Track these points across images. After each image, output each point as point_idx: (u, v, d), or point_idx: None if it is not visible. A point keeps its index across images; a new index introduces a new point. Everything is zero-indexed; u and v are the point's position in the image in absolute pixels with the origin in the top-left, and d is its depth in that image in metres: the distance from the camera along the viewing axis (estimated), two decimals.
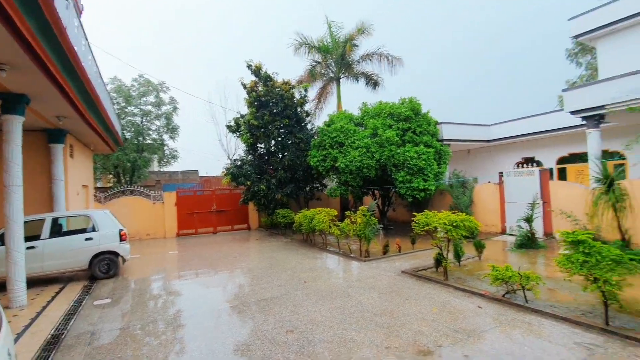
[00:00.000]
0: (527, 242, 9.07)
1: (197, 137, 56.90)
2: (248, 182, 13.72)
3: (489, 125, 16.96)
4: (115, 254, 8.02)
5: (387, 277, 6.94)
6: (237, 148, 27.84)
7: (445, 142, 14.35)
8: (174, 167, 25.63)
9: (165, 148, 23.09)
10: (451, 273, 6.79)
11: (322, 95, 19.57)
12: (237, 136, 14.95)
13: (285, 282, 6.87)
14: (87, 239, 7.71)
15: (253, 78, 14.19)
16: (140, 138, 21.20)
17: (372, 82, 18.24)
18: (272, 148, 14.19)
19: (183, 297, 6.34)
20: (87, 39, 6.26)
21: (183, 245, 12.57)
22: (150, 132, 22.04)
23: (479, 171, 17.83)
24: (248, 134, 13.66)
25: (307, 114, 14.89)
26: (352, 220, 9.17)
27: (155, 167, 27.32)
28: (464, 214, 6.87)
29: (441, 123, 14.35)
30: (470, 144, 16.80)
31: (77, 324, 5.04)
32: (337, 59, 18.32)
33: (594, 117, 10.21)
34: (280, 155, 14.44)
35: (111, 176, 22.53)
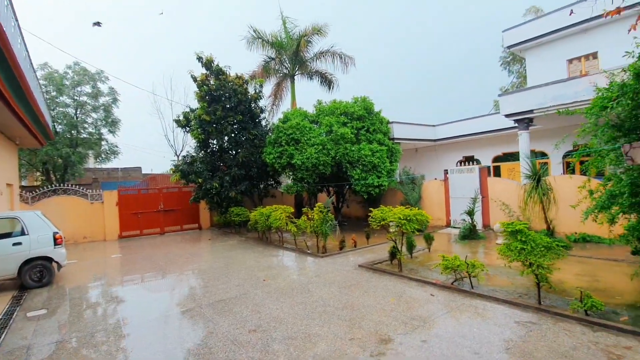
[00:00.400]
0: (469, 234, 9.86)
1: (140, 132, 52.98)
2: (200, 180, 13.13)
3: (434, 126, 18.08)
4: (49, 259, 7.21)
5: (345, 271, 7.11)
6: (186, 144, 26.58)
7: (395, 141, 15.03)
8: (113, 163, 23.63)
9: (104, 143, 21.20)
10: (405, 265, 7.15)
11: (277, 92, 19.35)
12: (187, 132, 14.22)
13: (243, 281, 6.72)
14: (15, 244, 6.83)
15: (204, 71, 13.57)
16: (74, 131, 19.21)
17: (327, 81, 18.45)
18: (225, 144, 13.70)
19: (130, 303, 5.92)
20: (17, 20, 5.52)
21: (127, 248, 11.68)
22: (86, 126, 20.06)
23: (425, 169, 18.97)
24: (199, 130, 13.05)
25: (262, 110, 14.61)
26: (310, 217, 9.24)
27: (91, 163, 24.96)
28: (415, 208, 7.27)
29: (392, 122, 14.99)
30: (418, 143, 17.77)
31: (8, 338, 4.46)
32: (291, 55, 18.21)
33: (524, 120, 11.38)
34: (234, 152, 14.01)
35: (39, 174, 20.15)
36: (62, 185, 14.30)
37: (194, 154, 14.04)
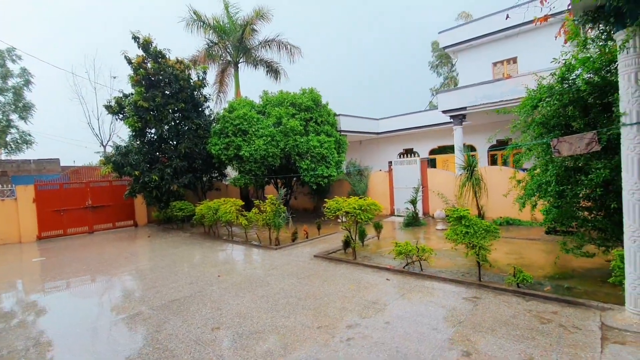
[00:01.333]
0: (413, 221, 10.59)
1: (58, 120, 46.41)
2: (136, 173, 12.05)
3: (378, 119, 18.89)
4: None
5: (302, 262, 7.17)
6: (114, 133, 24.16)
7: (342, 133, 15.39)
8: (25, 154, 20.52)
9: (14, 131, 18.29)
10: (358, 253, 7.44)
11: (221, 80, 18.48)
12: (120, 119, 12.89)
13: (196, 279, 6.40)
14: None
15: (140, 53, 12.37)
16: None
17: (273, 70, 18.12)
18: (165, 134, 12.70)
19: (69, 311, 5.29)
20: None
21: (50, 250, 10.33)
22: None
23: (369, 161, 19.77)
24: (135, 117, 11.91)
25: (206, 99, 13.83)
26: (262, 209, 9.09)
27: None
28: (369, 198, 7.59)
29: (339, 115, 15.32)
30: (363, 135, 18.43)
31: None
32: (235, 42, 17.50)
33: (459, 116, 12.48)
34: (175, 143, 13.09)
35: None
36: None
37: (128, 144, 12.80)
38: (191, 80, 13.13)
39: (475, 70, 15.14)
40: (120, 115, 12.82)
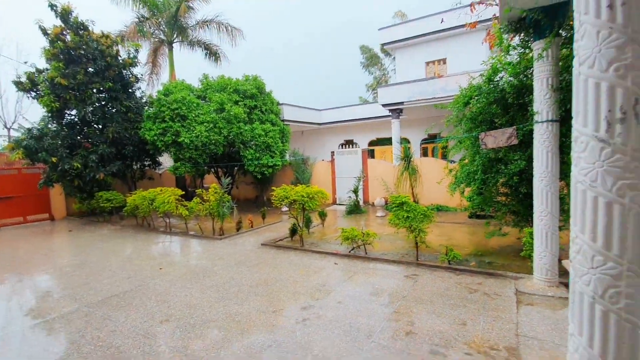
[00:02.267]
0: (355, 209, 11.12)
1: None
2: (53, 159, 10.62)
3: (320, 110, 19.18)
4: None
5: (249, 251, 7.12)
6: (20, 114, 20.94)
7: (286, 122, 15.36)
8: None
9: None
10: (304, 240, 7.62)
11: (154, 60, 17.00)
12: (33, 98, 11.17)
13: (134, 273, 5.98)
14: None
15: (59, 23, 10.78)
16: None
17: (212, 53, 17.21)
18: (89, 117, 11.33)
19: None
20: None
21: None
22: None
23: (310, 151, 20.02)
24: (52, 96, 10.40)
25: (137, 79, 12.63)
26: (205, 198, 8.75)
27: None
28: (315, 187, 7.78)
29: (282, 104, 15.23)
30: (305, 125, 18.58)
31: None
32: (169, 19, 16.19)
33: (396, 110, 13.29)
34: (101, 126, 11.78)
35: None
36: None
37: (42, 127, 11.18)
38: (120, 58, 11.88)
39: (411, 68, 16.20)
40: (33, 93, 11.12)
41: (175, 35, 16.95)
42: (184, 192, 9.90)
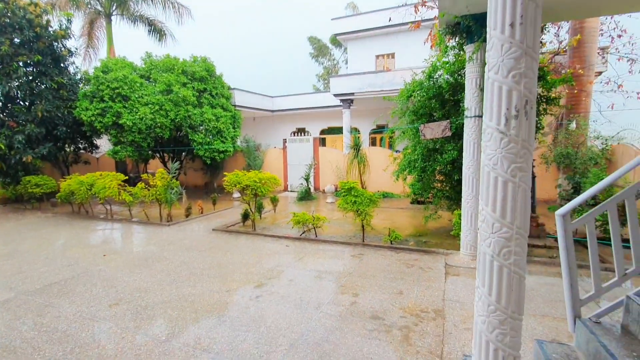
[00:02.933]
0: (306, 195, 11.42)
1: None
2: None
3: (272, 97, 19.02)
4: None
5: (200, 236, 7.09)
6: None
7: (237, 108, 15.06)
8: None
9: None
10: (257, 225, 7.75)
11: (90, 33, 15.45)
12: None
13: (75, 260, 5.68)
14: None
15: None
16: None
17: (157, 30, 16.12)
18: (15, 92, 10.08)
19: None
20: None
21: None
22: None
23: (262, 137, 19.85)
24: None
25: (70, 53, 11.47)
26: (151, 183, 8.42)
27: None
28: (267, 173, 7.90)
29: (234, 89, 14.89)
30: (258, 112, 18.34)
31: None
32: None
33: (347, 100, 13.72)
34: (28, 104, 10.57)
35: None
36: None
37: None
38: (50, 29, 10.68)
39: (362, 60, 16.72)
40: None
41: (114, 8, 15.55)
42: (126, 178, 9.40)
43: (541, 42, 5.25)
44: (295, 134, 19.67)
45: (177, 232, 7.48)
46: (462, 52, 5.43)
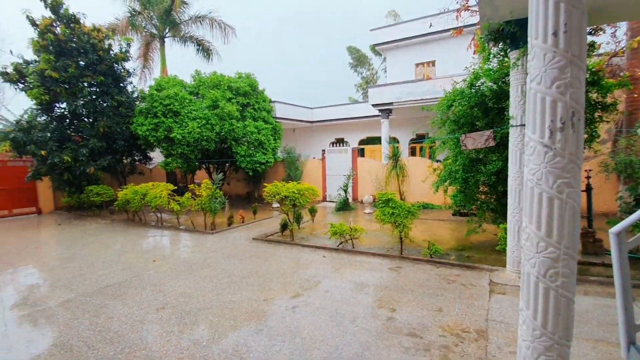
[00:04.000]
0: (344, 206, 11.41)
1: None
2: (42, 152, 10.59)
3: (312, 108, 19.39)
4: None
5: (241, 245, 7.34)
6: (2, 105, 20.53)
7: (278, 120, 15.53)
8: None
9: None
10: (295, 234, 7.87)
11: (146, 54, 16.92)
12: (20, 89, 11.09)
13: (128, 265, 6.14)
14: None
15: (49, 14, 10.72)
16: None
17: (204, 50, 17.23)
18: (80, 110, 11.31)
19: None
20: None
21: None
22: None
23: (301, 148, 20.24)
24: (41, 89, 10.36)
25: (129, 73, 12.63)
26: (197, 193, 8.90)
27: None
28: (306, 183, 8.03)
29: (275, 102, 15.40)
30: (297, 123, 18.77)
31: None
32: (161, 14, 16.14)
33: (386, 111, 13.60)
34: (92, 120, 11.76)
35: None
36: None
37: (30, 119, 11.11)
38: (112, 52, 11.88)
39: (402, 69, 16.54)
40: (21, 85, 11.04)
41: (167, 30, 16.90)
42: (175, 188, 10.03)
43: (593, 45, 4.87)
44: (334, 144, 19.81)
45: (219, 240, 7.81)
46: (506, 59, 5.20)
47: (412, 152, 17.74)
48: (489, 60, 5.48)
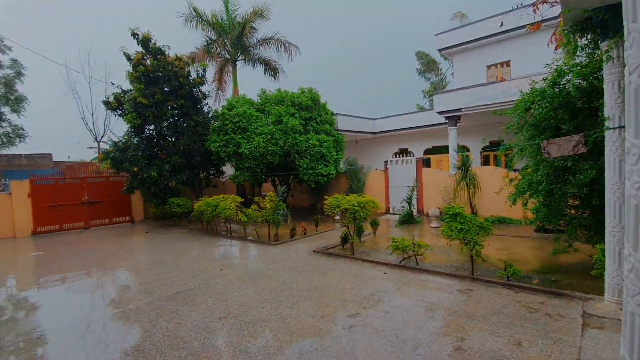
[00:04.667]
0: (408, 219, 10.86)
1: (51, 114, 45.68)
2: (134, 168, 12.12)
3: (374, 119, 19.15)
4: None
5: (301, 257, 7.39)
6: (108, 129, 24.04)
7: (340, 132, 15.62)
8: (17, 149, 20.31)
9: (5, 124, 18.11)
10: (355, 248, 7.67)
11: (220, 78, 18.55)
12: (119, 115, 12.94)
13: (198, 272, 6.57)
14: None
15: (139, 49, 12.43)
16: None
17: (271, 69, 18.25)
18: (164, 131, 12.79)
19: (81, 302, 5.43)
20: None
21: (47, 245, 10.37)
22: None
23: (364, 160, 20.02)
24: (134, 114, 11.97)
25: (205, 96, 13.93)
26: (261, 205, 9.27)
27: None
28: (367, 195, 7.83)
29: (337, 114, 15.53)
30: (359, 135, 18.67)
31: None
32: (233, 40, 17.57)
33: (453, 117, 12.78)
34: (174, 139, 13.17)
35: None
36: None
37: (125, 140, 12.84)
38: (190, 78, 13.23)
39: (470, 73, 15.47)
40: (119, 112, 12.87)
41: (238, 54, 18.34)
42: (243, 199, 10.59)
43: None
44: (398, 155, 19.21)
45: (281, 252, 7.97)
46: (597, 51, 4.46)
47: (485, 161, 16.31)
48: (575, 55, 4.77)
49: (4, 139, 18.69)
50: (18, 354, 3.68)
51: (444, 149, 16.72)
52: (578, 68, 4.79)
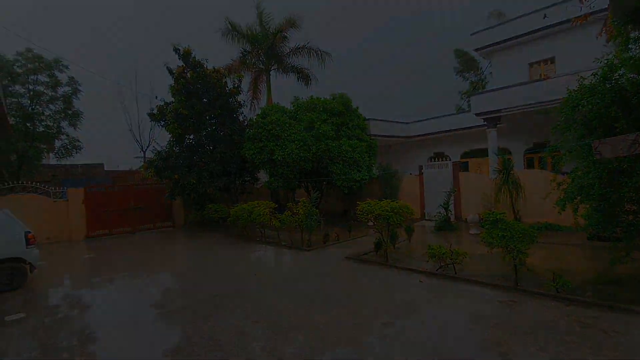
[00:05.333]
0: (445, 225, 10.46)
1: (102, 126, 49.68)
2: (176, 176, 12.76)
3: (407, 123, 18.77)
4: (20, 260, 6.79)
5: (334, 263, 7.34)
6: (153, 139, 25.55)
7: (373, 137, 15.46)
8: (73, 159, 22.16)
9: (64, 137, 19.84)
10: (389, 255, 7.50)
11: (255, 87, 19.15)
12: (162, 126, 13.73)
13: (235, 276, 6.75)
14: None
15: (180, 63, 13.17)
16: (30, 124, 17.81)
17: (304, 77, 18.53)
18: (203, 140, 13.40)
19: (125, 302, 5.77)
20: None
21: (99, 248, 11.15)
22: (43, 118, 18.67)
23: (398, 164, 19.63)
24: (176, 124, 12.66)
25: (240, 105, 14.43)
26: (294, 211, 9.36)
27: (48, 158, 23.26)
28: (401, 201, 7.65)
29: (369, 119, 15.41)
30: (392, 139, 18.36)
31: None
32: (267, 50, 18.07)
33: (493, 119, 12.19)
34: (212, 147, 13.74)
35: None
36: (17, 182, 13.31)
37: (167, 149, 13.59)
38: (227, 88, 13.76)
39: (511, 72, 14.71)
40: (162, 122, 13.66)
41: (272, 64, 18.82)
42: (276, 205, 10.77)
43: None
44: (433, 159, 18.64)
45: (314, 258, 7.97)
46: None
47: (529, 164, 15.36)
48: (627, 48, 4.37)
49: (63, 151, 20.42)
50: (72, 351, 3.96)
51: (482, 153, 16.00)
52: (632, 61, 4.38)
